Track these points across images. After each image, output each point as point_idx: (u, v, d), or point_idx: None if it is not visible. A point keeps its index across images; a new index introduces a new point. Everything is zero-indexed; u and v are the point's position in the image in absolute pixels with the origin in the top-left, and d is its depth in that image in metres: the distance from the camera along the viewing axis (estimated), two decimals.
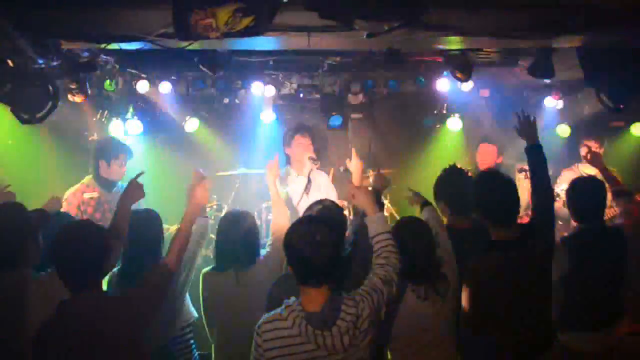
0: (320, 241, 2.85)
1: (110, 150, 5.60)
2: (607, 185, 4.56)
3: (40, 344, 2.99)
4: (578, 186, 4.47)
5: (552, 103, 7.30)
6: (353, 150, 4.71)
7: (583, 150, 6.11)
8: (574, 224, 4.56)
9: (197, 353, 4.47)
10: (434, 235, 3.69)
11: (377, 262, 3.18)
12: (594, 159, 5.15)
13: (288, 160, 6.08)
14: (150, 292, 3.22)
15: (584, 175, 5.97)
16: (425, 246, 3.58)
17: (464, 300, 3.65)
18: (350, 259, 3.54)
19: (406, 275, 3.52)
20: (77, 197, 5.51)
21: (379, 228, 3.31)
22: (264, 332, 2.89)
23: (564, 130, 7.40)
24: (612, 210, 5.21)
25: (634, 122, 7.32)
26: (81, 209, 5.43)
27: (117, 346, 2.99)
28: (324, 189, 5.91)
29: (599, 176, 4.97)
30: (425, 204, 4.24)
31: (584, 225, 4.38)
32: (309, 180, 5.74)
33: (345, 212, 4.46)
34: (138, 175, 3.97)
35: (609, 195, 4.60)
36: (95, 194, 5.51)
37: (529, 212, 4.09)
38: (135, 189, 3.93)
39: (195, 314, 4.39)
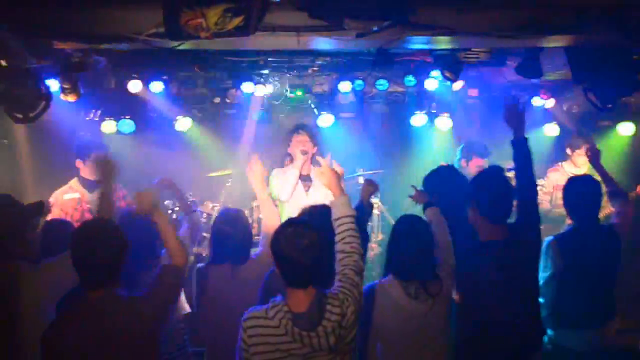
0: (306, 244, 2.87)
1: (82, 149, 5.63)
2: (602, 185, 4.60)
3: (52, 341, 3.01)
4: (575, 184, 4.50)
5: (540, 102, 7.35)
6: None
7: (582, 149, 6.06)
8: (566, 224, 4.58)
9: (190, 349, 4.49)
10: (432, 235, 3.70)
11: (342, 250, 3.16)
12: (594, 157, 5.16)
13: (291, 159, 6.05)
14: (167, 291, 3.27)
15: (570, 174, 6.03)
16: (421, 245, 3.59)
17: (456, 301, 3.71)
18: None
19: (397, 272, 3.56)
20: (57, 198, 5.60)
21: (343, 211, 3.27)
22: (248, 328, 2.94)
23: (552, 130, 7.45)
24: (606, 209, 5.25)
25: (620, 121, 7.39)
26: (63, 210, 5.49)
27: (133, 345, 3.04)
28: (325, 189, 5.90)
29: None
30: (429, 204, 4.20)
31: (578, 224, 4.42)
32: (310, 179, 5.74)
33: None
34: (104, 155, 3.92)
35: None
36: (76, 195, 5.57)
37: None
38: (103, 166, 3.90)
39: (189, 309, 4.41)
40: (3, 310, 3.34)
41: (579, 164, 6.37)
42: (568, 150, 6.61)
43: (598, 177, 4.77)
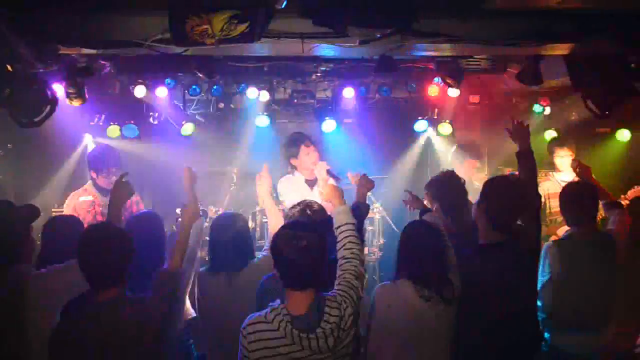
0: (306, 246, 2.89)
1: (97, 163, 5.67)
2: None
3: (60, 343, 3.03)
4: (571, 190, 4.56)
5: (540, 109, 7.40)
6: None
7: (573, 164, 6.11)
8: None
9: (196, 353, 4.50)
10: (444, 240, 3.71)
11: (342, 255, 3.22)
12: (583, 172, 5.21)
13: (293, 170, 5.97)
14: (165, 294, 3.26)
15: (560, 182, 6.08)
16: (436, 251, 3.60)
17: None
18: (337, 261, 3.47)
19: (412, 277, 3.57)
20: (73, 200, 5.68)
21: (344, 219, 3.34)
22: (248, 334, 2.94)
23: (551, 136, 7.48)
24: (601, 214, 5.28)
25: (618, 128, 7.43)
26: (76, 212, 5.54)
27: (140, 345, 3.04)
28: None
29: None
30: (425, 210, 4.24)
31: (576, 229, 4.46)
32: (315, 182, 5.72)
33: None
34: (122, 176, 3.99)
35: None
36: (90, 198, 5.62)
37: None
38: (121, 188, 3.95)
39: (194, 313, 4.42)
40: (9, 315, 3.38)
41: (561, 168, 6.37)
42: (550, 157, 6.59)
43: None
